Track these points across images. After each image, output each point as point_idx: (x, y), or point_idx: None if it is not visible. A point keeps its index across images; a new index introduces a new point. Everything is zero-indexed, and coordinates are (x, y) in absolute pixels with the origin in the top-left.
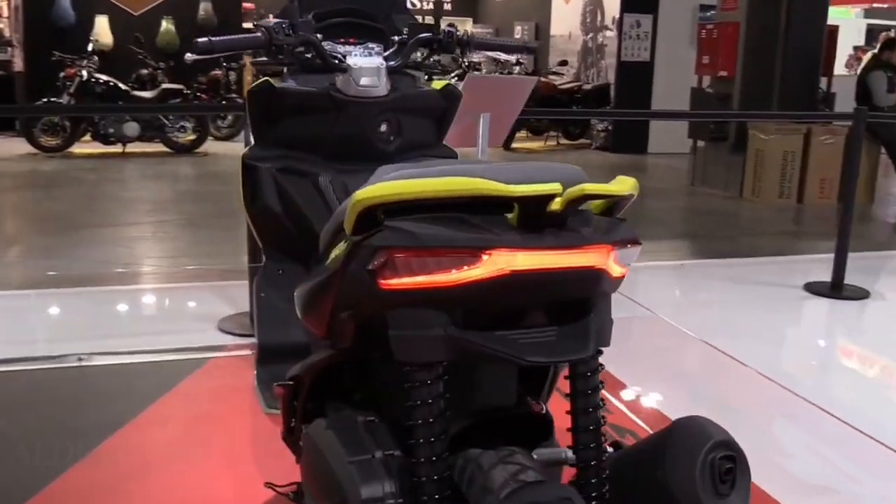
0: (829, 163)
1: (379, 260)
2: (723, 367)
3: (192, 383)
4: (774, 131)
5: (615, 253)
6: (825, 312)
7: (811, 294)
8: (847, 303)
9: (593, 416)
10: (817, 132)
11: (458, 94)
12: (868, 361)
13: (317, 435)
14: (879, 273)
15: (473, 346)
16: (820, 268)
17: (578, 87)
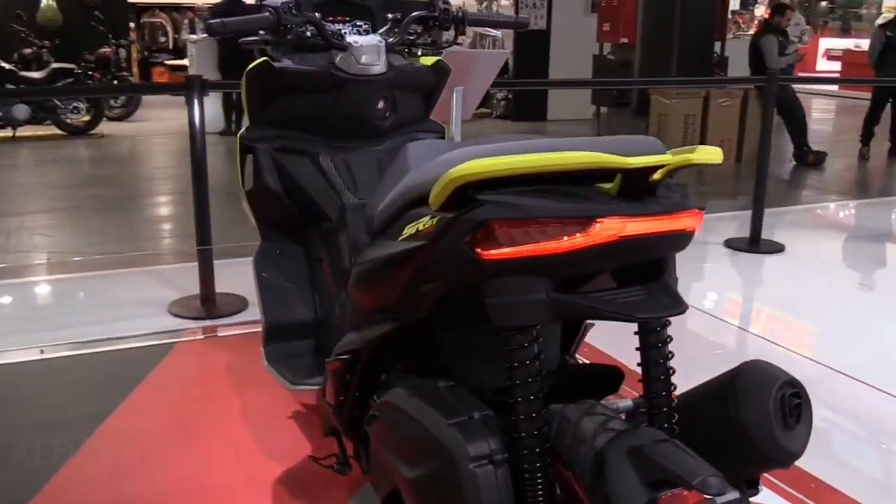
0: (728, 124)
1: (480, 233)
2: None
3: (166, 369)
4: (676, 95)
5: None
6: (748, 266)
7: (732, 249)
8: (765, 256)
9: (664, 366)
10: (715, 95)
11: (447, 69)
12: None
13: (402, 402)
14: (791, 228)
15: (576, 308)
16: (734, 225)
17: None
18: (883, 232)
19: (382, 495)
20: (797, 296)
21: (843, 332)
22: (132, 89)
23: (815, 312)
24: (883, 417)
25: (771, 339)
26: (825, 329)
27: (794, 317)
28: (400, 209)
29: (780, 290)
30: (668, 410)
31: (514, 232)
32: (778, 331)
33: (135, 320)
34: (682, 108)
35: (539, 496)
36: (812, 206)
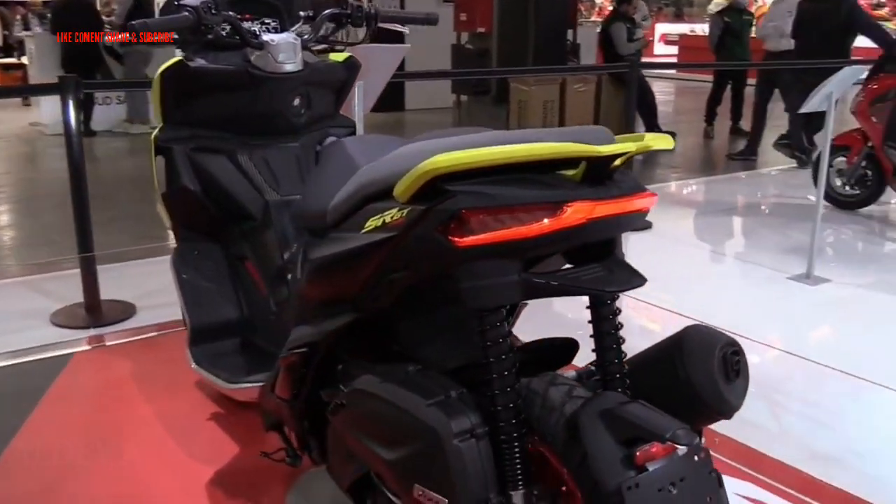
0: (584, 108)
1: (458, 221)
2: None
3: (67, 382)
4: (534, 83)
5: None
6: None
7: None
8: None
9: (616, 335)
10: (571, 81)
11: (358, 65)
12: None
13: (375, 388)
14: (657, 205)
15: (548, 287)
16: None
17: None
18: (731, 206)
19: (347, 482)
20: (669, 266)
21: (717, 297)
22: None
23: (689, 281)
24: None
25: (653, 303)
26: (704, 294)
27: (675, 285)
28: (358, 203)
29: (651, 262)
30: (621, 376)
31: (487, 219)
32: (660, 298)
33: (16, 334)
34: (541, 94)
35: (517, 466)
36: (666, 185)
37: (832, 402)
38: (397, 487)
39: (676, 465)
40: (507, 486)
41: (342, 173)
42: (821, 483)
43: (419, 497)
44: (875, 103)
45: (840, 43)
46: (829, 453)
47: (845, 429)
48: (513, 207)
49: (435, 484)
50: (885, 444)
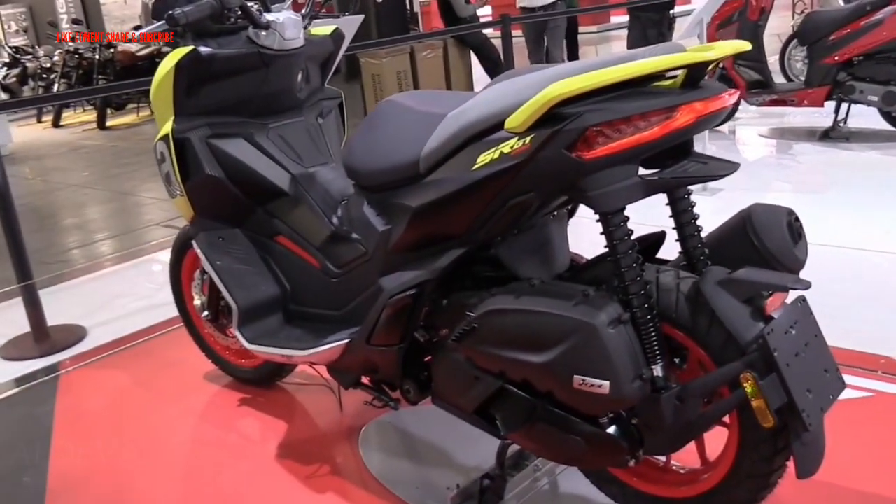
0: (435, 74)
1: (584, 138)
2: None
3: (69, 405)
4: (384, 55)
5: None
6: None
7: None
8: None
9: (695, 224)
10: (419, 49)
11: (343, 36)
12: None
13: (512, 304)
14: None
15: (666, 182)
16: None
17: (158, 51)
18: None
19: (474, 405)
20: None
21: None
22: None
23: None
24: None
25: None
26: None
27: None
28: (458, 146)
29: None
30: (704, 257)
31: (609, 131)
32: None
33: None
34: (393, 65)
35: (655, 344)
36: None
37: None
38: (555, 384)
39: (792, 311)
40: (649, 362)
41: (418, 124)
42: None
43: (580, 387)
44: (721, 28)
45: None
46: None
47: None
48: (631, 118)
49: (595, 370)
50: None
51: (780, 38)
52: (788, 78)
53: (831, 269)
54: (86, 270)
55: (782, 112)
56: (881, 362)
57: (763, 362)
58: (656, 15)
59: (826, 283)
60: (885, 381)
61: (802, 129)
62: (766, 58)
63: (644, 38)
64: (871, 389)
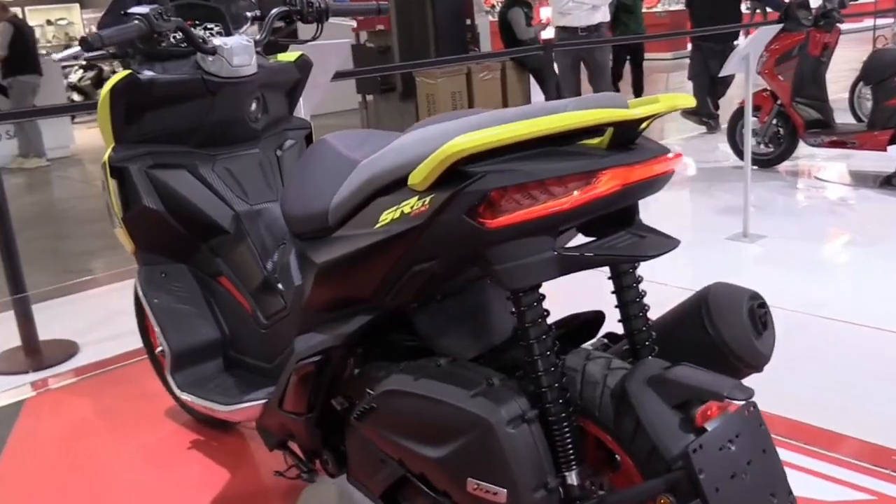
0: (491, 96)
1: (487, 202)
2: None
3: (25, 430)
4: (440, 75)
5: None
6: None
7: None
8: None
9: (640, 303)
10: (476, 70)
11: (310, 64)
12: None
13: (411, 386)
14: None
15: (584, 260)
16: None
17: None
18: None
19: (381, 488)
20: None
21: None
22: None
23: None
24: None
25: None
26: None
27: None
28: (365, 199)
29: None
30: (649, 343)
31: (518, 196)
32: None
33: None
34: (449, 85)
35: (569, 445)
36: None
37: (805, 344)
38: (448, 485)
39: (732, 422)
40: (561, 467)
41: (336, 171)
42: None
43: (474, 491)
44: (780, 63)
45: (732, 9)
46: (810, 396)
47: (820, 368)
48: (544, 182)
49: (491, 475)
50: (854, 376)
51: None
52: (858, 118)
53: (866, 342)
54: (94, 283)
55: (843, 154)
56: (893, 459)
57: (687, 484)
58: (718, 46)
59: (856, 360)
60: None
61: (863, 173)
62: (827, 96)
63: (706, 70)
64: (875, 492)
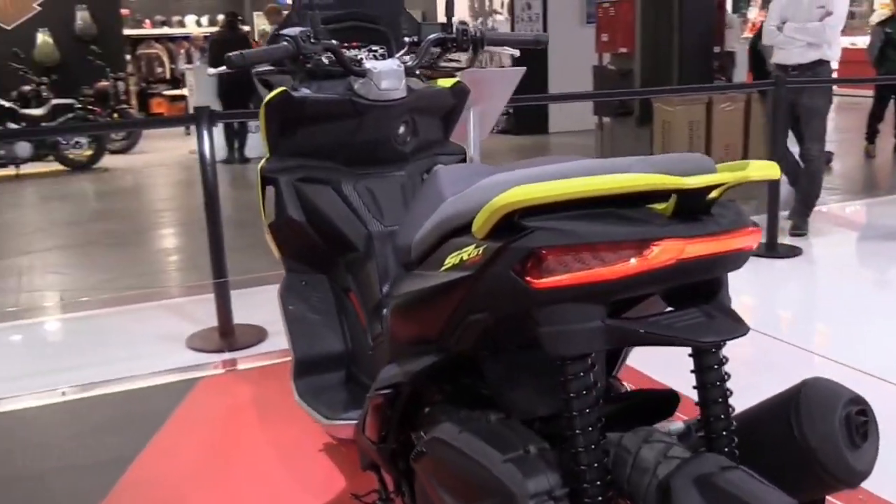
0: (732, 128)
1: (530, 261)
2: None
3: (191, 406)
4: (679, 103)
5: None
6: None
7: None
8: (784, 261)
9: (721, 388)
10: (718, 100)
11: (466, 90)
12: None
13: (453, 437)
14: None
15: (635, 335)
16: None
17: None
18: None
19: None
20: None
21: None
22: (138, 124)
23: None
24: None
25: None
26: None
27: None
28: (439, 239)
29: (804, 296)
30: (727, 434)
31: (566, 259)
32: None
33: (155, 357)
34: (686, 114)
35: None
36: (825, 208)
37: None
38: None
39: None
40: None
41: (429, 205)
42: None
43: None
44: None
45: None
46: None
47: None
48: (594, 246)
49: None
50: None
51: None
52: None
53: None
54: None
55: None
56: None
57: None
58: None
59: None
60: None
61: None
62: None
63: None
64: None
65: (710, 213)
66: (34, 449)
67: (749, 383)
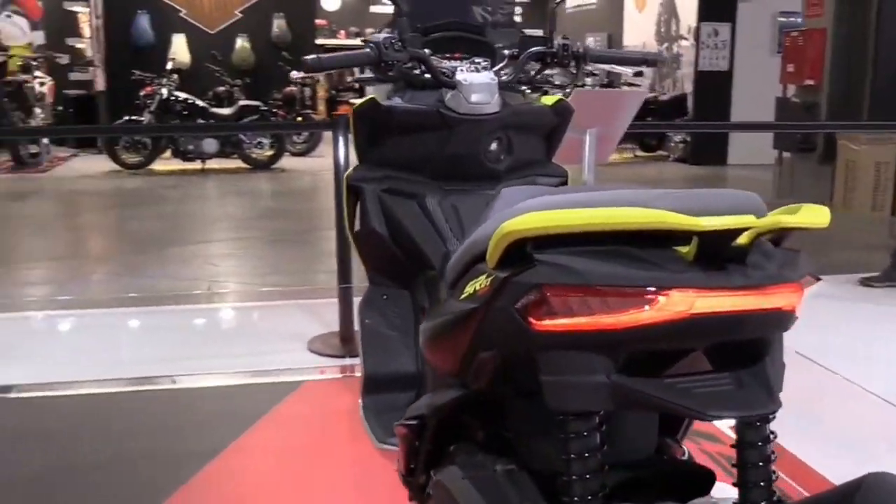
0: None
1: (531, 299)
2: (854, 399)
3: (287, 408)
4: (866, 141)
5: (804, 290)
6: None
7: None
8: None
9: (764, 470)
10: None
11: (570, 109)
12: None
13: (452, 485)
14: None
15: (640, 396)
16: None
17: (654, 98)
18: None
19: None
20: None
21: None
22: (281, 126)
23: None
24: None
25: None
26: None
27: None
28: (466, 264)
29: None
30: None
31: (569, 300)
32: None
33: (272, 355)
34: (873, 154)
35: None
36: None
37: None
38: None
39: None
40: None
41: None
42: None
43: None
44: None
45: None
46: None
47: None
48: (597, 289)
49: None
50: None
51: None
52: None
53: None
54: None
55: None
56: None
57: None
58: None
59: None
60: None
61: None
62: None
63: None
64: None
65: (744, 262)
66: (135, 432)
67: None
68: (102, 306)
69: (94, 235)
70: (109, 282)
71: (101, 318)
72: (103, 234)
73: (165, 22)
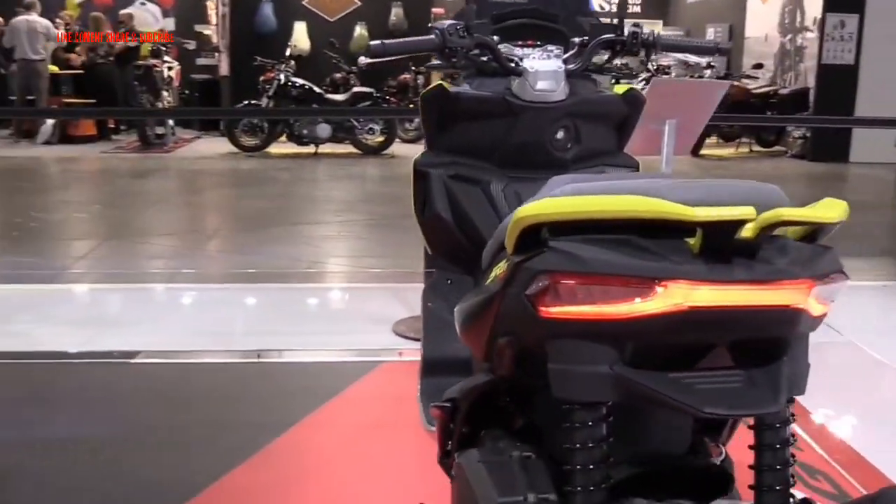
0: None
1: (538, 285)
2: None
3: (361, 387)
4: None
5: (817, 289)
6: None
7: None
8: None
9: (781, 473)
10: None
11: (641, 99)
12: None
13: (468, 467)
14: None
15: (642, 389)
16: None
17: (774, 91)
18: None
19: None
20: None
21: None
22: (389, 112)
23: None
24: None
25: None
26: None
27: None
28: (497, 249)
29: None
30: None
31: (575, 288)
32: None
33: (356, 335)
34: None
35: None
36: None
37: None
38: None
39: None
40: None
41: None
42: None
43: None
44: None
45: None
46: None
47: None
48: (600, 277)
49: None
50: None
51: None
52: None
53: None
54: None
55: None
56: None
57: None
58: None
59: None
60: None
61: None
62: None
63: None
64: None
65: (752, 256)
66: (221, 400)
67: None
68: (209, 281)
69: (207, 213)
70: (217, 258)
71: (207, 293)
72: (215, 212)
73: (288, 10)
